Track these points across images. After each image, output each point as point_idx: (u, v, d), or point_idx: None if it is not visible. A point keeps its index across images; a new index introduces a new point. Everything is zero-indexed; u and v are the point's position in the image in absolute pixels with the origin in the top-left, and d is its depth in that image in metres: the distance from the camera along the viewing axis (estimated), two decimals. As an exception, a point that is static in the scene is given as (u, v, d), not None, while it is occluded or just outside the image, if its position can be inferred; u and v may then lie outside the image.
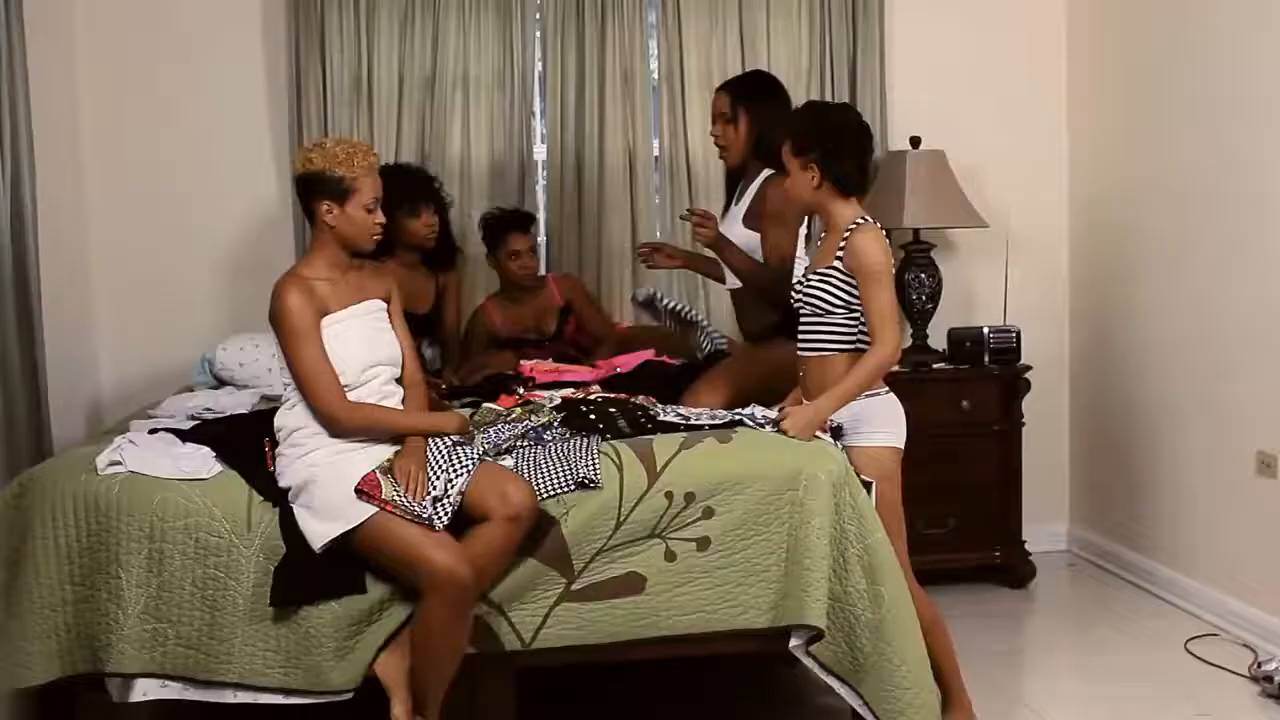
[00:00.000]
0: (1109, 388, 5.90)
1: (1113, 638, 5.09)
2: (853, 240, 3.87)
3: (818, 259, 4.02)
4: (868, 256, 3.84)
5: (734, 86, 4.82)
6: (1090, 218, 6.04)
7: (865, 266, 3.84)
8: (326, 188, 3.71)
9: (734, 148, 4.73)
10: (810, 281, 3.96)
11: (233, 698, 3.64)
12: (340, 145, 3.75)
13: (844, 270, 3.88)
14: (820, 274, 3.93)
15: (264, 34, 5.69)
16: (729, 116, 4.71)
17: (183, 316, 5.67)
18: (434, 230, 5.21)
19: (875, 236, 3.89)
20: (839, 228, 3.94)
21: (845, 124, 4.00)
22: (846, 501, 3.76)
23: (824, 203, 3.98)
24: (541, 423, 4.03)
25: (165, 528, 3.62)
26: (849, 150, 3.94)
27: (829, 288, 3.91)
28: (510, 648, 3.70)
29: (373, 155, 3.79)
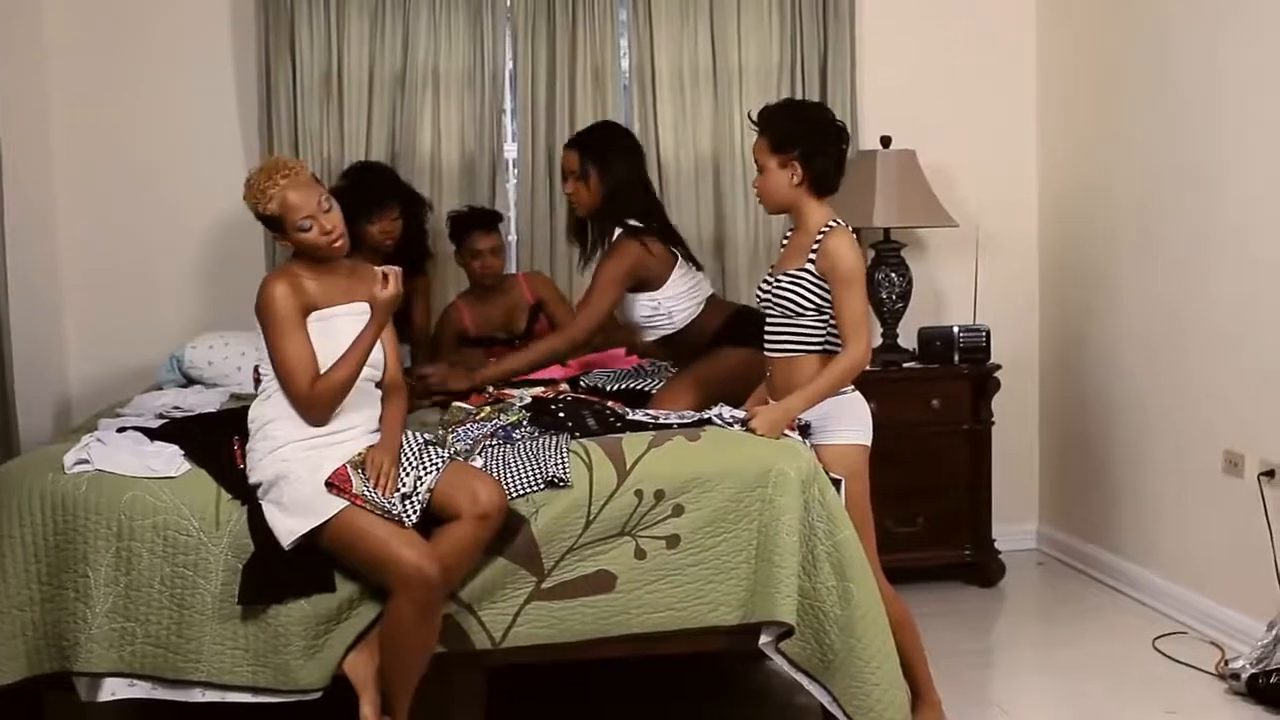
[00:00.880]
0: (1078, 387, 5.93)
1: (1081, 636, 5.11)
2: (826, 243, 3.87)
3: (786, 259, 4.02)
4: (843, 260, 3.84)
5: (580, 142, 4.82)
6: (1060, 217, 6.07)
7: (840, 270, 3.84)
8: (264, 223, 3.72)
9: (584, 203, 4.76)
10: (780, 282, 3.95)
11: (201, 696, 3.63)
12: (258, 176, 3.69)
13: (816, 272, 3.88)
14: (791, 275, 3.93)
15: (233, 30, 5.67)
16: (579, 174, 4.73)
17: (151, 314, 5.65)
18: (390, 237, 5.13)
19: (849, 240, 3.89)
20: (810, 229, 3.94)
21: (825, 122, 3.99)
22: (815, 498, 3.76)
23: (798, 202, 3.97)
24: (511, 421, 4.03)
25: (133, 526, 3.60)
26: (830, 148, 3.94)
27: (800, 289, 3.90)
28: (480, 646, 3.69)
29: (288, 171, 3.67)
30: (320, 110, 5.62)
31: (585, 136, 4.87)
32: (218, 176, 5.61)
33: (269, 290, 3.63)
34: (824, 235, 3.89)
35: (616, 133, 4.92)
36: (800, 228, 4.00)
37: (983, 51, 6.13)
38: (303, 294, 3.65)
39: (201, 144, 5.66)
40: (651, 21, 5.80)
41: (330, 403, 3.62)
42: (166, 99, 5.65)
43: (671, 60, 5.82)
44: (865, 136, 5.90)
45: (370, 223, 5.07)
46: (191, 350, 5.14)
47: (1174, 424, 5.23)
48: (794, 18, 5.86)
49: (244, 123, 5.69)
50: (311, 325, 3.66)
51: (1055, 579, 5.89)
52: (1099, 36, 5.72)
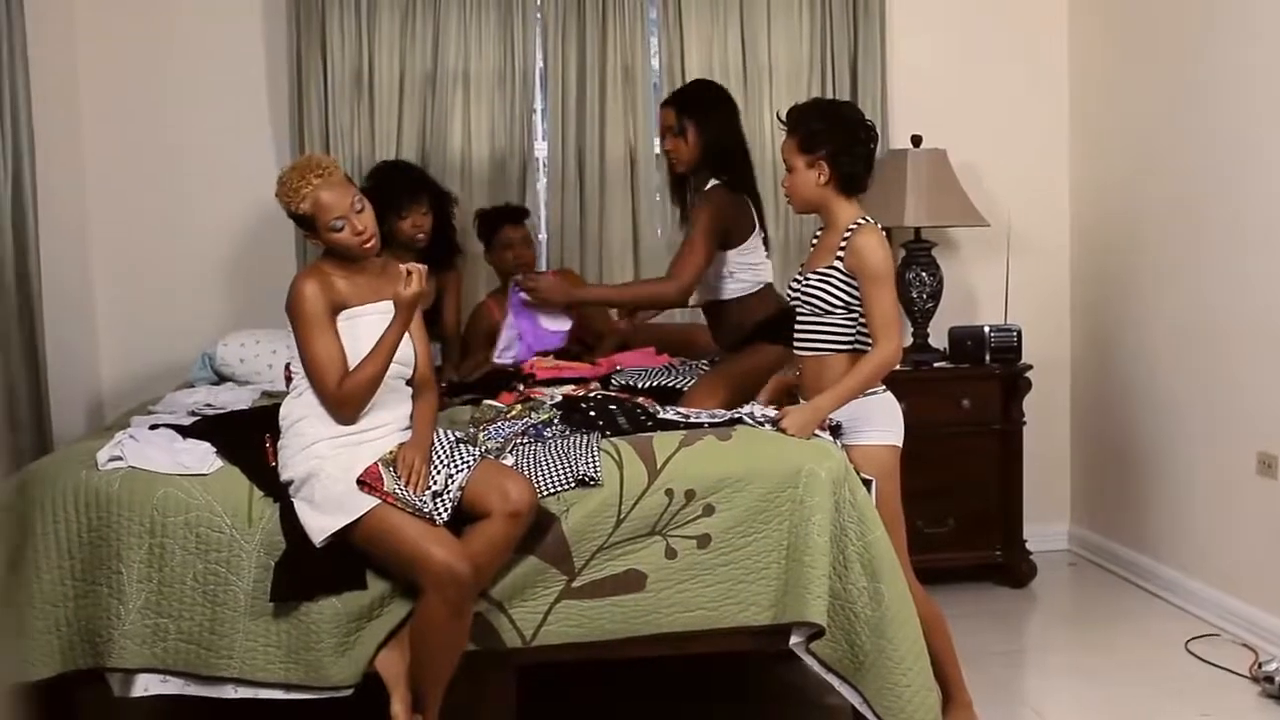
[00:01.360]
0: (1110, 387, 5.90)
1: (1113, 637, 5.09)
2: (854, 241, 3.86)
3: (815, 258, 4.01)
4: (871, 257, 3.83)
5: (678, 99, 4.87)
6: (1092, 216, 6.04)
7: (868, 268, 3.83)
8: (295, 221, 3.73)
9: (683, 159, 4.80)
10: (810, 281, 3.94)
11: (233, 693, 3.64)
12: (290, 175, 3.69)
13: (845, 270, 3.87)
14: (820, 274, 3.92)
15: (265, 30, 5.69)
16: (676, 130, 4.77)
17: (183, 313, 5.66)
18: (422, 230, 5.14)
19: (878, 237, 3.88)
20: (839, 227, 3.93)
21: (854, 121, 3.98)
22: (846, 499, 3.75)
23: (826, 201, 3.96)
24: (542, 419, 4.04)
25: (166, 523, 3.62)
26: (858, 148, 3.93)
27: (829, 287, 3.89)
28: (511, 645, 3.69)
29: (321, 171, 3.67)
30: (351, 109, 5.63)
31: (682, 93, 4.92)
32: (249, 175, 5.62)
33: (299, 289, 3.64)
34: (852, 233, 3.88)
35: (713, 89, 4.92)
36: (830, 226, 4.00)
37: (1014, 49, 6.11)
38: (332, 292, 3.66)
39: (233, 143, 5.68)
40: (682, 20, 5.80)
41: (358, 401, 3.62)
42: (198, 98, 5.66)
43: (701, 59, 5.82)
44: (896, 135, 5.88)
45: (400, 218, 5.07)
46: (223, 348, 5.16)
47: (1207, 425, 5.20)
48: (824, 16, 5.85)
49: (275, 122, 5.70)
50: (341, 324, 3.66)
51: (1087, 580, 5.87)
52: (1131, 33, 5.69)
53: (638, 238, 5.81)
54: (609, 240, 5.78)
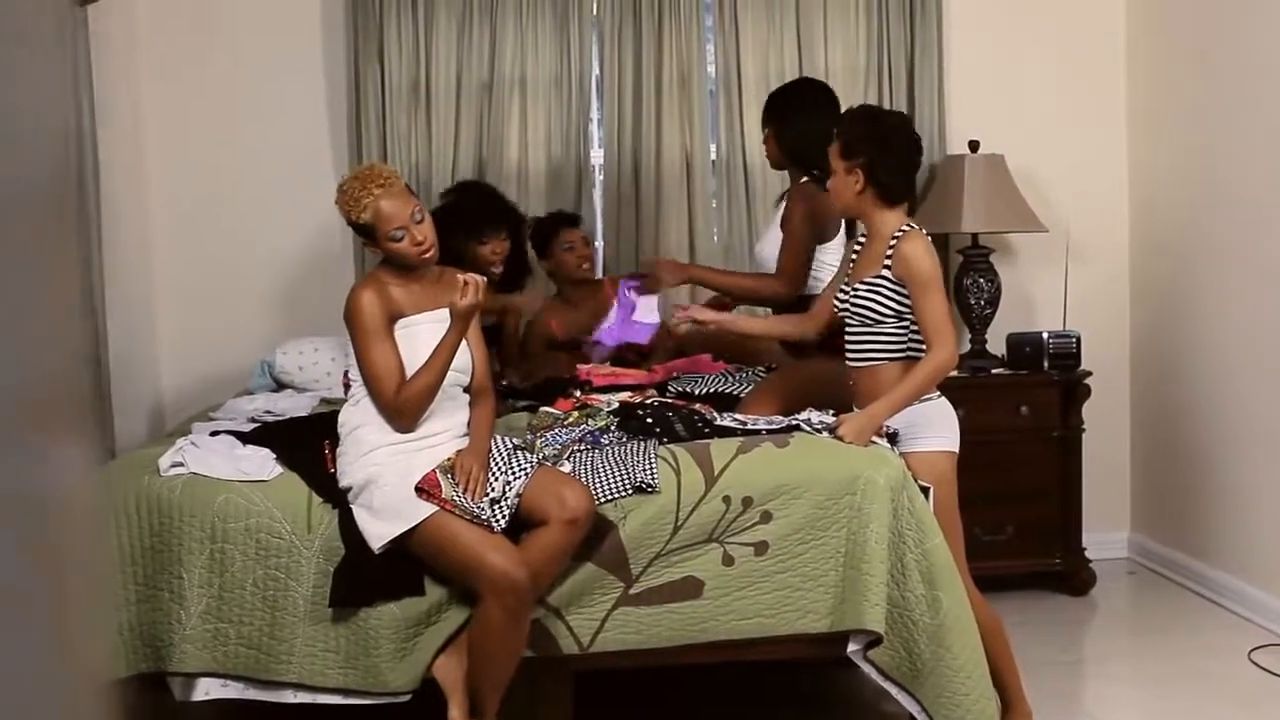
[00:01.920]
0: (1170, 393, 5.85)
1: (1174, 646, 5.04)
2: (900, 248, 3.84)
3: (861, 268, 3.98)
4: (918, 263, 3.81)
5: (767, 102, 4.89)
6: (1151, 221, 5.99)
7: (916, 274, 3.81)
8: (355, 230, 3.76)
9: (771, 158, 4.85)
10: (858, 291, 3.92)
11: (292, 698, 3.67)
12: (352, 183, 3.72)
13: (893, 279, 3.85)
14: (868, 283, 3.89)
15: (323, 38, 5.73)
16: (764, 132, 4.80)
17: (243, 321, 5.71)
18: (500, 258, 5.13)
19: (923, 243, 3.85)
20: (883, 235, 3.91)
21: (895, 131, 3.95)
22: (904, 506, 3.74)
23: (866, 209, 3.94)
24: (599, 426, 4.04)
25: (227, 529, 3.65)
26: (896, 159, 3.90)
27: (879, 297, 3.87)
28: (568, 651, 3.70)
29: (383, 180, 3.69)
30: (408, 117, 5.67)
31: (771, 94, 4.93)
32: (308, 183, 5.67)
33: (356, 299, 3.67)
34: (897, 240, 3.85)
35: (799, 89, 4.90)
36: (873, 235, 3.97)
37: (1072, 53, 6.07)
38: (389, 302, 3.68)
39: (292, 152, 5.72)
40: (738, 25, 5.80)
41: (415, 410, 3.64)
42: (257, 106, 5.71)
43: (758, 65, 5.82)
44: (953, 140, 5.86)
45: (481, 243, 5.05)
46: (282, 355, 5.20)
47: (1269, 430, 5.14)
48: (880, 21, 5.84)
49: (333, 130, 5.74)
50: (398, 333, 3.68)
51: (1147, 588, 5.82)
52: (1190, 35, 5.65)
53: (694, 244, 5.81)
54: (665, 247, 5.78)
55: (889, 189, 3.90)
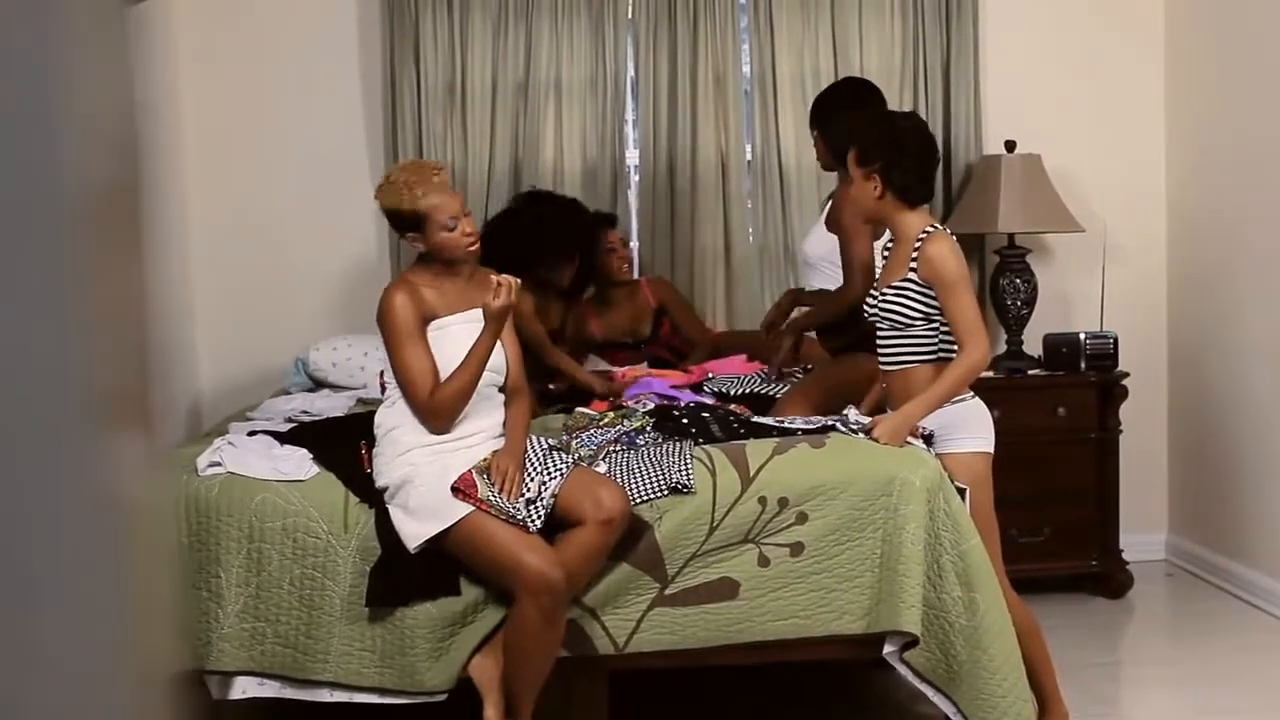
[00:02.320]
0: (1208, 394, 5.81)
1: (1212, 649, 5.01)
2: (925, 250, 3.82)
3: (889, 272, 3.97)
4: (944, 264, 3.79)
5: (813, 104, 4.86)
6: (1189, 221, 5.96)
7: (942, 275, 3.79)
8: (403, 222, 3.75)
9: (822, 159, 4.79)
10: (886, 296, 3.90)
11: (329, 697, 3.69)
12: (405, 174, 3.75)
13: (920, 281, 3.84)
14: (896, 288, 3.88)
15: (359, 39, 5.75)
16: (812, 134, 4.78)
17: (279, 320, 5.73)
18: (567, 279, 5.14)
19: (948, 244, 3.84)
20: (908, 238, 3.89)
21: (908, 134, 3.93)
22: (940, 507, 3.73)
23: (888, 213, 3.93)
24: (635, 427, 4.05)
25: (264, 528, 3.67)
26: (911, 161, 3.88)
27: (907, 300, 3.86)
28: (603, 651, 3.71)
29: (437, 170, 3.76)
30: (444, 118, 5.68)
31: (818, 96, 4.90)
32: (343, 184, 5.69)
33: (389, 301, 3.68)
34: (922, 242, 3.84)
35: (847, 88, 4.88)
36: (898, 238, 3.96)
37: (1109, 53, 6.04)
38: (421, 303, 3.69)
39: (327, 152, 5.74)
40: (773, 26, 5.79)
41: (450, 412, 3.65)
42: (293, 107, 5.74)
43: (793, 65, 5.81)
44: (989, 140, 5.84)
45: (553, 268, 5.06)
46: (315, 353, 5.23)
47: (1309, 433, 5.12)
48: (916, 21, 5.82)
49: (369, 131, 5.76)
50: (431, 334, 3.69)
51: (1185, 590, 5.78)
52: (1229, 35, 5.61)
53: (729, 245, 5.80)
54: (700, 247, 5.78)
55: (907, 191, 3.89)
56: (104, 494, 0.90)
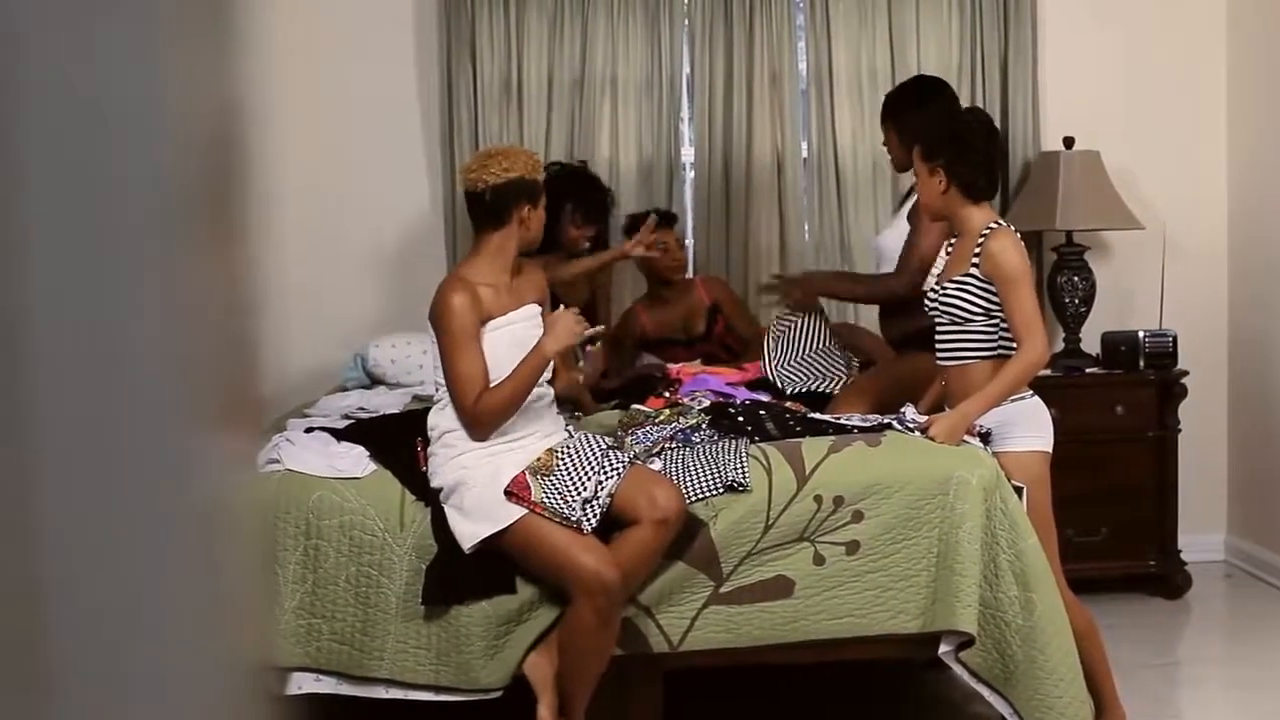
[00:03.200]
0: (1269, 393, 5.75)
1: (1271, 651, 4.96)
2: (988, 246, 3.81)
3: (951, 266, 3.96)
4: (1006, 261, 3.77)
5: (883, 104, 4.83)
6: (1250, 219, 5.89)
7: (1004, 271, 3.77)
8: (528, 191, 3.75)
9: (895, 159, 4.73)
10: (947, 290, 3.89)
11: (384, 693, 3.70)
12: (523, 153, 3.83)
13: (981, 276, 3.82)
14: (957, 282, 3.87)
15: (416, 36, 5.77)
16: (885, 138, 4.75)
17: (336, 316, 5.75)
18: (588, 239, 5.19)
19: (1011, 240, 3.82)
20: (971, 233, 3.88)
21: (972, 129, 3.93)
22: (997, 506, 3.71)
23: (953, 208, 3.92)
24: (690, 425, 4.04)
25: (321, 525, 3.69)
26: (976, 156, 3.87)
27: (967, 295, 3.84)
28: (658, 650, 3.70)
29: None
30: (500, 115, 5.70)
31: (887, 97, 4.88)
32: (400, 180, 5.71)
33: (448, 301, 3.65)
34: (985, 238, 3.82)
35: (915, 86, 4.86)
36: (963, 233, 3.94)
37: (1169, 48, 5.98)
38: (479, 305, 3.67)
39: (384, 148, 5.76)
40: (829, 24, 5.77)
41: (493, 422, 3.64)
42: (349, 102, 5.76)
43: (849, 63, 5.79)
44: (1048, 137, 5.80)
45: (576, 226, 5.12)
46: (375, 349, 5.25)
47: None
48: (974, 18, 5.79)
49: (426, 128, 5.78)
50: (488, 335, 3.68)
51: (1244, 592, 5.73)
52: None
53: (784, 242, 5.79)
54: (755, 244, 5.77)
55: (972, 186, 3.88)
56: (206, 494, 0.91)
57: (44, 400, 0.78)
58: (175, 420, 0.86)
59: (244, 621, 0.95)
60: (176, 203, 0.87)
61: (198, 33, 0.91)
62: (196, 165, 0.91)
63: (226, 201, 0.96)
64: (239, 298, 0.99)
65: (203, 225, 0.92)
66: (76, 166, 0.80)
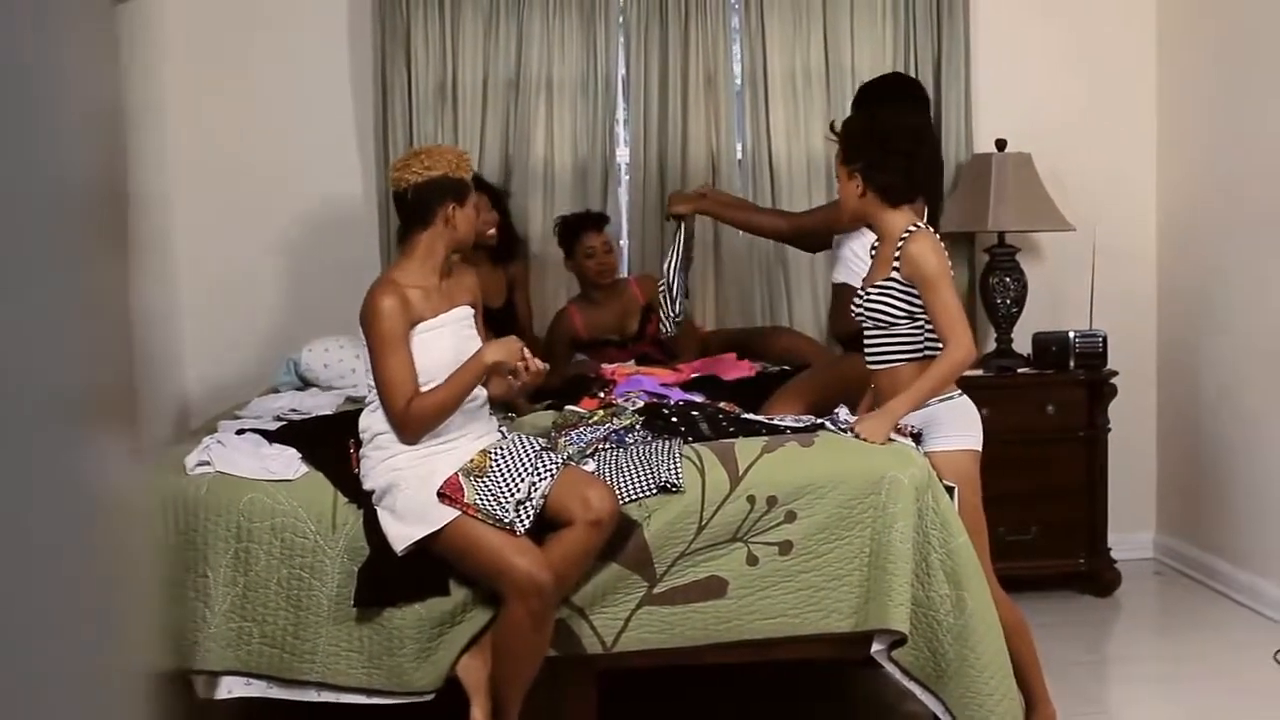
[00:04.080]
0: (1197, 393, 5.82)
1: (1199, 647, 5.02)
2: (907, 249, 3.82)
3: (874, 271, 3.97)
4: (925, 263, 3.79)
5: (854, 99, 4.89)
6: (1179, 221, 5.96)
7: (924, 273, 3.79)
8: (451, 190, 3.73)
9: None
10: (870, 295, 3.91)
11: (316, 696, 3.68)
12: (448, 151, 3.81)
13: (903, 280, 3.84)
14: (879, 287, 3.88)
15: (350, 37, 5.74)
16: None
17: (268, 318, 5.73)
18: (492, 225, 5.12)
19: (930, 243, 3.83)
20: (891, 238, 3.89)
21: (893, 133, 3.93)
22: (929, 506, 3.73)
23: (872, 212, 3.93)
24: (623, 425, 4.04)
25: (252, 528, 3.66)
26: (894, 159, 3.88)
27: (890, 299, 3.85)
28: (592, 651, 3.70)
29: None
30: (435, 117, 5.68)
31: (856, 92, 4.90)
32: (333, 182, 5.69)
33: (377, 304, 3.63)
34: (904, 242, 3.83)
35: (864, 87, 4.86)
36: (883, 238, 3.96)
37: (1101, 52, 6.04)
38: (409, 308, 3.65)
39: (317, 151, 5.73)
40: (764, 25, 5.79)
41: (422, 427, 3.62)
42: (283, 105, 5.73)
43: (784, 64, 5.81)
44: (980, 139, 5.84)
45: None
46: (308, 353, 5.21)
47: (1297, 432, 5.13)
48: (907, 20, 5.82)
49: (360, 129, 5.75)
50: (418, 337, 3.67)
51: (1173, 589, 5.79)
52: (1222, 35, 5.62)
53: (719, 242, 5.80)
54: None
55: (889, 190, 3.88)
56: (85, 492, 0.90)
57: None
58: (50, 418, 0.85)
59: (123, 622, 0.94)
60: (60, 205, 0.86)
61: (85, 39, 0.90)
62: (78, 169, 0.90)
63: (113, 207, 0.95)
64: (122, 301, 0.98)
65: (87, 228, 0.91)
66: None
